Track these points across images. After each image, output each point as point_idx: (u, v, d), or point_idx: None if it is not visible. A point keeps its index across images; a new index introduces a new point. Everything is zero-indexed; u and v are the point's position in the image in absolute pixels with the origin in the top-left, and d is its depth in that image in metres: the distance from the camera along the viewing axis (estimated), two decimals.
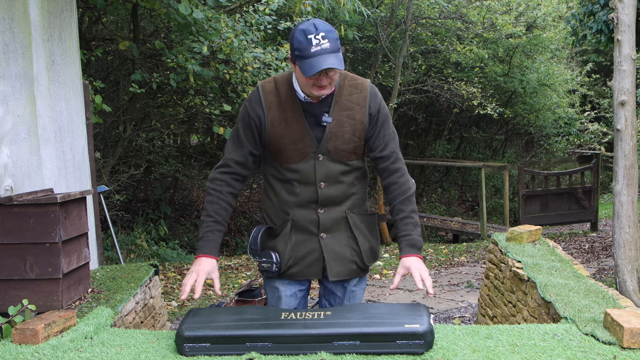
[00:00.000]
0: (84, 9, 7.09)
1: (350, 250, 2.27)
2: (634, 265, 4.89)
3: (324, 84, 2.08)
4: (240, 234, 11.25)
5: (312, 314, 2.02)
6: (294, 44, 2.06)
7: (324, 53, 2.00)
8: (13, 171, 2.87)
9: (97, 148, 7.80)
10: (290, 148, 2.19)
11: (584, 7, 7.04)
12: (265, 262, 2.24)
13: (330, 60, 2.00)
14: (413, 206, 2.23)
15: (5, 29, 2.86)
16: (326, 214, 2.24)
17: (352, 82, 2.23)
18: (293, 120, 2.18)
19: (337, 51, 2.04)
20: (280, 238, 2.26)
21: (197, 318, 2.06)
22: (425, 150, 16.33)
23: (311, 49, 2.00)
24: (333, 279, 2.27)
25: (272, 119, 2.18)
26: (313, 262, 2.26)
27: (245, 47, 6.74)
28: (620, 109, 4.92)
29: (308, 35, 2.01)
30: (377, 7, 11.82)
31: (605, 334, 2.06)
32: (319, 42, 2.00)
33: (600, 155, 10.72)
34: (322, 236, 2.25)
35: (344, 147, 2.20)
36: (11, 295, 2.56)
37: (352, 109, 2.20)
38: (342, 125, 2.19)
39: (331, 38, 2.02)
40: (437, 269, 7.84)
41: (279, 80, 2.23)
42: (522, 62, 13.95)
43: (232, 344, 1.92)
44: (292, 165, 2.21)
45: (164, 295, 6.08)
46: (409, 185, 2.25)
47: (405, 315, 1.98)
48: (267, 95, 2.20)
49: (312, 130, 2.18)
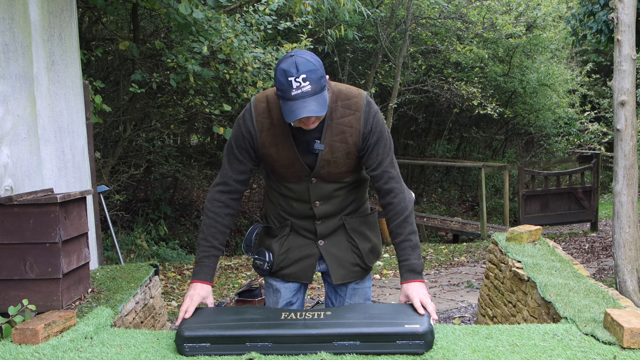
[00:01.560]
0: (84, 9, 7.09)
1: (351, 253, 2.28)
2: (634, 265, 4.89)
3: (309, 124, 2.02)
4: (240, 234, 11.25)
5: (312, 314, 2.01)
6: (276, 82, 1.98)
7: (305, 96, 1.91)
8: (13, 171, 2.87)
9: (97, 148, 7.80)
10: (283, 171, 2.18)
11: (584, 7, 7.04)
12: (258, 259, 2.26)
13: (310, 107, 1.91)
14: (411, 227, 2.15)
15: (5, 29, 2.86)
16: (324, 224, 2.25)
17: (345, 103, 2.12)
18: (284, 146, 2.13)
19: (321, 91, 1.94)
20: (277, 239, 2.27)
21: (197, 318, 2.06)
22: (425, 150, 16.33)
23: (292, 92, 1.91)
24: (337, 283, 2.28)
25: (264, 142, 2.14)
26: (306, 268, 2.27)
27: (245, 47, 6.74)
28: (620, 109, 4.92)
29: (289, 77, 1.91)
30: (377, 7, 11.82)
31: (605, 334, 2.05)
32: (300, 84, 1.90)
33: (600, 155, 10.72)
34: (320, 243, 2.26)
35: (337, 172, 2.17)
36: (11, 295, 2.55)
37: (345, 132, 2.12)
38: (334, 151, 2.12)
39: (313, 79, 1.91)
40: (437, 269, 7.84)
41: (271, 100, 2.14)
42: (522, 62, 13.95)
43: (232, 344, 1.92)
44: (287, 184, 2.21)
45: (164, 295, 6.08)
46: (405, 204, 2.16)
47: (405, 316, 1.98)
48: (259, 117, 2.14)
49: (303, 157, 2.13)
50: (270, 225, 2.31)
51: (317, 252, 2.26)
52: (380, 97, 13.22)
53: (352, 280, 2.31)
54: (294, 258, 2.26)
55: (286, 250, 2.26)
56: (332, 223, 2.26)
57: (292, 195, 2.22)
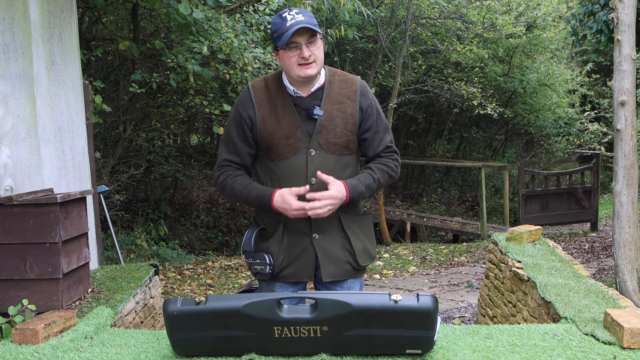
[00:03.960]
0: (84, 9, 7.09)
1: (343, 251, 2.25)
2: (634, 265, 4.89)
3: (306, 55, 2.10)
4: (240, 234, 11.26)
5: (306, 330, 1.86)
6: (272, 31, 2.14)
7: (298, 24, 2.06)
8: (13, 171, 2.87)
9: (97, 148, 7.80)
10: (282, 143, 2.19)
11: (584, 7, 7.04)
12: (259, 264, 2.22)
13: (303, 22, 2.06)
14: (382, 174, 2.25)
15: (5, 29, 2.86)
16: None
17: (343, 78, 2.27)
18: (284, 115, 2.19)
19: (314, 24, 2.10)
20: (273, 239, 2.24)
21: (184, 329, 1.90)
22: (425, 150, 16.34)
23: (286, 24, 2.08)
24: (327, 280, 2.24)
25: (263, 115, 2.20)
26: (305, 264, 2.23)
27: (245, 47, 6.74)
28: (620, 109, 4.92)
29: (283, 14, 2.11)
30: (377, 7, 11.83)
31: (605, 334, 2.06)
32: (293, 17, 2.08)
33: (600, 155, 10.72)
34: (315, 237, 2.22)
35: (335, 141, 2.20)
36: (11, 295, 2.55)
37: (343, 102, 2.22)
38: (333, 118, 2.20)
39: (306, 14, 2.10)
40: (437, 269, 7.84)
41: (269, 79, 2.26)
42: (522, 62, 13.95)
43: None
44: (284, 160, 2.20)
45: (164, 295, 6.08)
46: (392, 167, 2.28)
47: (405, 339, 1.94)
48: (257, 93, 2.22)
49: (304, 124, 2.19)
50: (263, 226, 2.28)
51: (311, 249, 2.22)
52: (380, 97, 13.22)
53: (341, 278, 2.27)
54: (292, 256, 2.23)
55: (284, 248, 2.23)
56: (327, 215, 2.19)
57: (288, 174, 2.19)
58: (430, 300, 1.81)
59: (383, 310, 1.81)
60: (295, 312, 1.85)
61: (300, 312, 1.85)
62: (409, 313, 1.81)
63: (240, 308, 1.83)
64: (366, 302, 1.82)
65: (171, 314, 1.86)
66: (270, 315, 1.83)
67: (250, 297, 1.85)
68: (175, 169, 10.89)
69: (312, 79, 2.19)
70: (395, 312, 1.81)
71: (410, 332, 1.84)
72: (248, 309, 1.83)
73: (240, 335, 1.88)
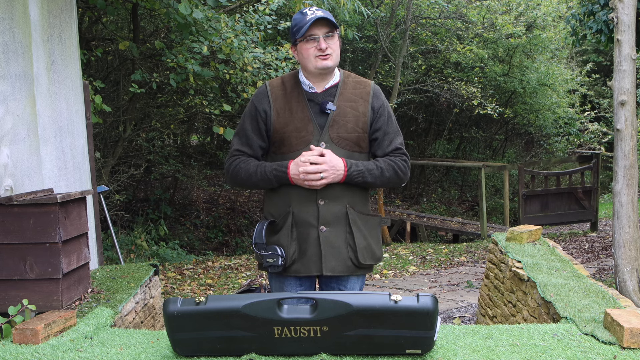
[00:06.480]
0: (84, 9, 7.09)
1: (346, 246, 2.28)
2: (634, 265, 4.89)
3: (323, 47, 2.20)
4: (240, 234, 11.25)
5: (306, 330, 1.86)
6: (292, 26, 2.27)
7: (317, 17, 2.19)
8: (13, 171, 2.87)
9: (97, 148, 7.80)
10: (294, 136, 2.25)
11: (584, 7, 7.04)
12: (271, 257, 2.24)
13: (321, 15, 2.19)
14: (386, 166, 2.29)
15: (5, 29, 2.86)
16: (326, 206, 2.25)
17: (357, 79, 2.38)
18: (297, 109, 2.28)
19: (332, 18, 2.23)
20: (283, 232, 2.27)
21: (184, 329, 1.89)
22: (425, 150, 16.34)
23: (306, 18, 2.21)
24: (327, 274, 2.27)
25: (278, 108, 2.29)
26: (313, 256, 2.27)
27: (245, 47, 6.74)
28: (620, 109, 4.92)
29: (304, 10, 2.26)
30: (377, 7, 11.82)
31: (605, 334, 2.06)
32: (313, 12, 2.22)
33: (600, 155, 10.71)
34: (322, 229, 2.26)
35: (346, 136, 2.27)
36: (11, 295, 2.55)
37: (356, 101, 2.31)
38: (345, 114, 2.28)
39: (325, 12, 2.23)
40: (437, 269, 7.84)
41: (285, 77, 2.37)
42: (522, 62, 13.95)
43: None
44: (295, 153, 2.25)
45: (164, 295, 6.08)
46: (400, 165, 2.32)
47: (406, 340, 1.94)
48: (273, 89, 2.32)
49: (316, 118, 2.27)
50: (272, 219, 2.31)
51: (317, 241, 2.24)
52: None
53: (342, 273, 2.29)
54: (302, 249, 2.27)
55: (295, 239, 2.26)
56: (334, 207, 2.25)
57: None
58: (430, 301, 1.82)
59: (383, 311, 1.81)
60: (295, 312, 1.85)
61: (300, 312, 1.85)
62: (409, 313, 1.81)
63: (240, 308, 1.83)
64: (366, 302, 1.82)
65: (171, 314, 1.86)
66: (270, 315, 1.83)
67: (250, 297, 1.86)
68: (175, 169, 10.89)
69: (327, 74, 2.29)
70: (395, 312, 1.81)
71: (410, 332, 1.84)
72: (248, 309, 1.83)
73: (240, 336, 1.88)
